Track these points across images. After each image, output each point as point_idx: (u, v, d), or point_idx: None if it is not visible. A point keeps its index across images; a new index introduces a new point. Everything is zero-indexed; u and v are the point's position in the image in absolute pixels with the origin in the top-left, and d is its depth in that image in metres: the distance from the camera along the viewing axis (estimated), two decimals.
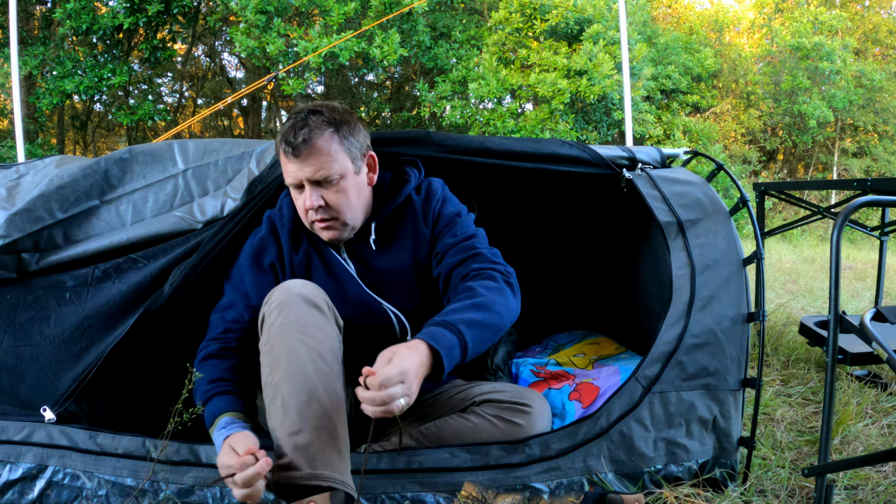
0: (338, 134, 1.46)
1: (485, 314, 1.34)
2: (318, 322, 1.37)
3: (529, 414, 1.51)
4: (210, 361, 1.46)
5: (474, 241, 1.56)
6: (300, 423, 1.25)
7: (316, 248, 1.60)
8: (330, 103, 1.51)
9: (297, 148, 1.42)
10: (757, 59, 14.13)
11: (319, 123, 1.44)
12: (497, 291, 1.41)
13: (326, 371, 1.32)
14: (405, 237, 1.60)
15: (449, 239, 1.56)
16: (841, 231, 1.35)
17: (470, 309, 1.34)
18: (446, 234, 1.58)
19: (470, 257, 1.52)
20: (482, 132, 9.47)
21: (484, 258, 1.51)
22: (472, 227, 1.61)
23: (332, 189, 1.47)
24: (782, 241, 9.34)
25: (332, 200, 1.48)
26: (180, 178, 1.73)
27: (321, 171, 1.44)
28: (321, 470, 1.21)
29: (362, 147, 1.52)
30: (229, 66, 14.31)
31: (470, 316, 1.32)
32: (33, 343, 1.59)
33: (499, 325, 1.37)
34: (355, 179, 1.51)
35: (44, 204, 1.63)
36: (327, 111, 1.48)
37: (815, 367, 2.62)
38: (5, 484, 1.45)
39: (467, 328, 1.29)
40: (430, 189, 1.63)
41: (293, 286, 1.40)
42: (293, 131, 1.43)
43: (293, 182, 1.47)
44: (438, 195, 1.62)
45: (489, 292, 1.39)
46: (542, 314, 2.65)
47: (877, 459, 1.25)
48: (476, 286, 1.41)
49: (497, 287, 1.42)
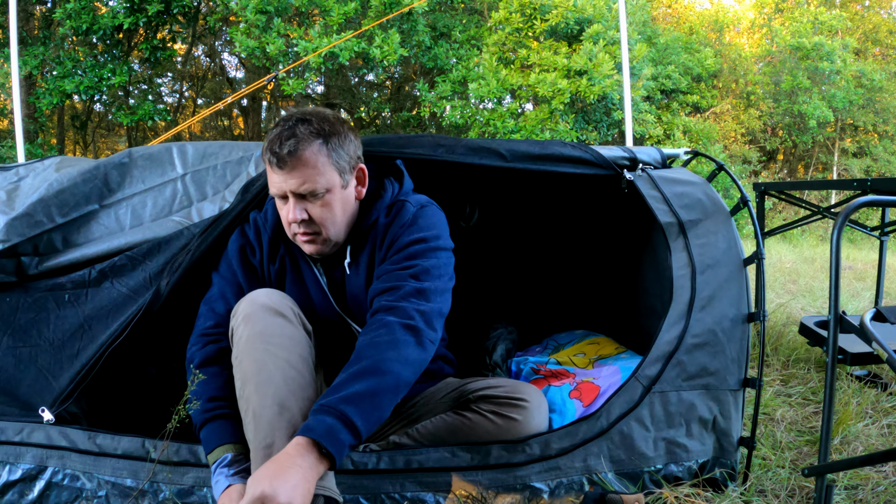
0: (326, 146, 1.39)
1: (370, 380, 1.23)
2: (285, 330, 1.37)
3: (526, 408, 1.50)
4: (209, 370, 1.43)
5: (409, 272, 1.42)
6: (272, 435, 1.25)
7: (291, 258, 1.57)
8: (320, 111, 1.45)
9: (283, 159, 1.36)
10: (757, 59, 14.13)
11: (307, 134, 1.38)
12: (389, 346, 1.29)
13: (297, 378, 1.32)
14: (364, 260, 1.54)
15: (387, 265, 1.46)
16: (841, 231, 1.35)
17: (354, 380, 1.23)
18: (388, 260, 1.48)
19: (389, 290, 1.40)
20: (482, 132, 9.47)
21: (400, 293, 1.38)
22: (424, 257, 1.45)
23: (316, 203, 1.41)
24: (782, 241, 9.34)
25: (317, 215, 1.42)
26: (179, 183, 1.74)
27: (306, 184, 1.38)
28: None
29: (351, 159, 1.46)
30: (229, 66, 14.31)
31: (354, 389, 1.22)
32: (32, 344, 1.59)
33: (394, 385, 1.26)
34: (342, 193, 1.45)
35: (43, 208, 1.63)
36: (316, 120, 1.40)
37: (815, 367, 2.62)
38: (5, 485, 1.45)
39: (351, 406, 1.19)
40: (400, 211, 1.52)
41: (257, 297, 1.41)
42: (279, 141, 1.36)
43: (277, 193, 1.42)
44: (406, 220, 1.50)
45: (377, 350, 1.28)
46: (542, 314, 2.65)
47: (877, 459, 1.25)
48: (364, 345, 1.30)
49: (390, 340, 1.29)
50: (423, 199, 1.57)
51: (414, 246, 1.47)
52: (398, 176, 1.61)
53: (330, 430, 1.17)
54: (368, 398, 1.22)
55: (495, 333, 2.39)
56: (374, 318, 1.36)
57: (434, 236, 1.50)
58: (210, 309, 1.52)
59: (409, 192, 1.60)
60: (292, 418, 1.27)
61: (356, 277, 1.54)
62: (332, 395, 1.21)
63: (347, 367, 1.27)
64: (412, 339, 1.33)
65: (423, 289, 1.40)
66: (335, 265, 1.56)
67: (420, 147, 1.71)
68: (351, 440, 1.19)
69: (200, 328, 1.50)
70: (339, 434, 1.17)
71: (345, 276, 1.55)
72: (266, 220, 1.57)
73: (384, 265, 1.48)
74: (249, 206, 1.64)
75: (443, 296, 1.44)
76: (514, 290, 2.71)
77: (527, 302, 2.70)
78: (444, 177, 1.82)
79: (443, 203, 1.64)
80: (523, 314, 2.63)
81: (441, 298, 1.43)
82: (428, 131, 11.43)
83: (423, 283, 1.41)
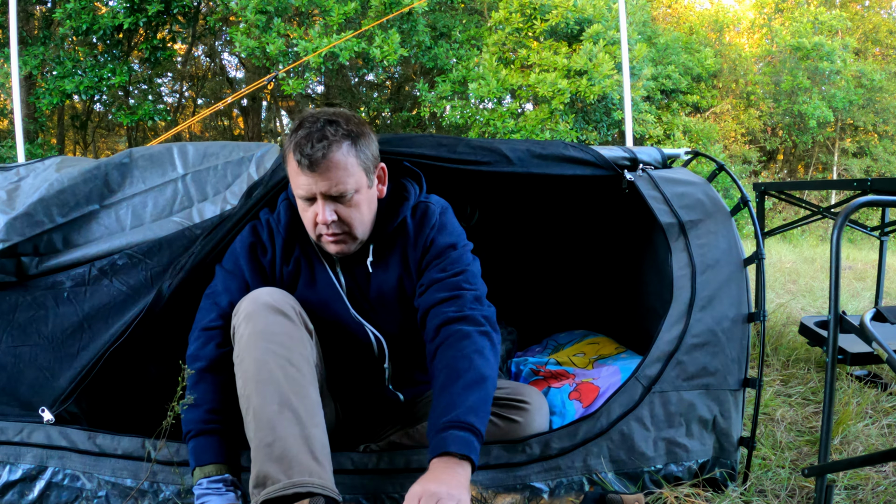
0: (355, 147, 1.40)
1: (480, 389, 1.32)
2: (286, 329, 1.37)
3: (527, 411, 1.50)
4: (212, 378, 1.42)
5: (461, 278, 1.48)
6: (273, 434, 1.25)
7: (307, 261, 1.56)
8: (344, 112, 1.45)
9: (315, 161, 1.35)
10: (757, 59, 14.13)
11: (338, 136, 1.37)
12: (477, 354, 1.36)
13: (297, 377, 1.33)
14: (394, 261, 1.54)
15: (436, 273, 1.49)
16: (841, 231, 1.35)
17: (464, 393, 1.31)
18: (434, 268, 1.51)
19: (450, 298, 1.45)
20: (482, 132, 9.47)
21: (463, 301, 1.44)
22: (463, 260, 1.52)
23: (346, 203, 1.42)
24: (782, 241, 9.34)
25: (345, 215, 1.43)
26: (180, 183, 1.73)
27: (338, 186, 1.38)
28: (298, 477, 1.21)
29: (375, 159, 1.47)
30: (229, 66, 14.31)
31: (472, 401, 1.30)
32: (32, 343, 1.59)
33: (492, 387, 1.35)
34: (368, 193, 1.46)
35: (44, 208, 1.63)
36: (344, 122, 1.40)
37: (815, 367, 2.62)
38: (5, 485, 1.45)
39: (475, 416, 1.28)
40: (426, 213, 1.56)
41: (260, 295, 1.41)
42: (310, 143, 1.35)
43: (305, 194, 1.41)
44: (434, 221, 1.55)
45: (472, 362, 1.35)
46: (542, 314, 2.65)
47: (877, 459, 1.25)
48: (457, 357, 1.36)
49: (476, 349, 1.37)
50: (442, 202, 1.61)
51: (453, 251, 1.53)
52: (414, 177, 1.63)
53: (463, 440, 1.25)
54: (481, 406, 1.31)
55: None
56: (447, 328, 1.41)
57: (464, 240, 1.58)
58: (213, 303, 1.50)
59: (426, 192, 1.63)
60: (293, 417, 1.27)
61: (384, 276, 1.54)
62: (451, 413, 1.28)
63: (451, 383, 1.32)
64: (489, 343, 1.40)
65: (478, 295, 1.48)
66: (356, 265, 1.56)
67: (422, 147, 1.70)
68: (479, 445, 1.27)
69: (202, 322, 1.48)
70: (471, 442, 1.26)
71: (368, 276, 1.55)
72: (279, 221, 1.55)
73: (431, 272, 1.51)
74: (252, 211, 1.63)
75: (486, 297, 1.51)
76: (514, 291, 2.71)
77: (527, 302, 2.70)
78: (444, 177, 1.82)
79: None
80: (523, 314, 2.63)
81: (488, 301, 1.50)
82: (428, 131, 11.43)
83: (476, 288, 1.48)
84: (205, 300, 1.53)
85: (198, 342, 1.46)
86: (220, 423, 1.38)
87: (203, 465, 1.35)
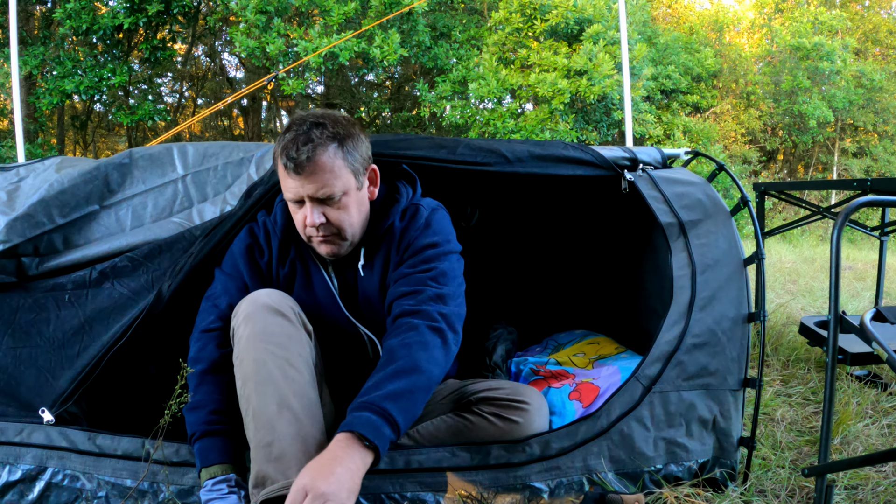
0: (342, 149, 1.40)
1: (406, 379, 1.27)
2: (285, 329, 1.38)
3: (527, 411, 1.50)
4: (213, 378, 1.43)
5: (427, 275, 1.45)
6: (271, 435, 1.26)
7: (303, 263, 1.57)
8: (332, 113, 1.45)
9: (300, 164, 1.36)
10: (757, 59, 14.12)
11: (324, 139, 1.37)
12: (419, 346, 1.32)
13: (296, 377, 1.33)
14: (378, 263, 1.55)
15: (406, 269, 1.49)
16: (841, 231, 1.35)
17: (391, 379, 1.26)
18: (405, 263, 1.50)
19: (410, 293, 1.43)
20: (482, 132, 9.46)
21: (422, 297, 1.41)
22: (437, 259, 1.49)
23: (334, 206, 1.42)
24: (782, 241, 9.34)
25: (334, 217, 1.43)
26: (180, 184, 1.73)
27: (324, 188, 1.39)
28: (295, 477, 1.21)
29: (365, 160, 1.47)
30: (229, 66, 14.30)
31: (392, 387, 1.25)
32: (32, 345, 1.59)
33: (427, 383, 1.30)
34: (357, 195, 1.46)
35: (44, 209, 1.63)
36: (331, 124, 1.40)
37: (815, 367, 2.62)
38: (5, 485, 1.45)
39: (393, 403, 1.23)
40: (415, 216, 1.55)
41: (258, 297, 1.41)
42: (296, 146, 1.36)
43: (293, 197, 1.42)
44: (420, 223, 1.53)
45: (409, 351, 1.31)
46: (542, 314, 2.65)
47: (877, 459, 1.25)
48: (396, 346, 1.32)
49: (420, 340, 1.33)
50: (433, 203, 1.60)
51: (429, 250, 1.50)
52: (409, 179, 1.63)
53: (372, 424, 1.19)
54: (406, 396, 1.25)
55: (495, 334, 2.39)
56: (400, 320, 1.39)
57: (446, 240, 1.54)
58: (213, 305, 1.52)
59: (420, 195, 1.63)
60: (292, 417, 1.28)
61: (370, 279, 1.55)
62: (371, 394, 1.23)
63: (381, 368, 1.29)
64: (439, 340, 1.36)
65: (441, 293, 1.43)
66: (348, 267, 1.57)
67: (422, 149, 1.70)
68: (392, 436, 1.21)
69: (202, 325, 1.50)
70: (381, 428, 1.19)
71: (358, 278, 1.56)
72: (276, 222, 1.56)
73: (402, 268, 1.50)
74: (252, 211, 1.64)
75: (458, 299, 1.48)
76: (514, 291, 2.71)
77: (527, 302, 2.70)
78: (444, 177, 1.82)
79: (443, 203, 1.64)
80: (523, 314, 2.63)
81: (457, 302, 1.47)
82: (428, 131, 11.43)
83: (441, 287, 1.45)
84: (204, 302, 1.54)
85: (198, 344, 1.48)
86: (223, 423, 1.39)
87: (209, 466, 1.36)
